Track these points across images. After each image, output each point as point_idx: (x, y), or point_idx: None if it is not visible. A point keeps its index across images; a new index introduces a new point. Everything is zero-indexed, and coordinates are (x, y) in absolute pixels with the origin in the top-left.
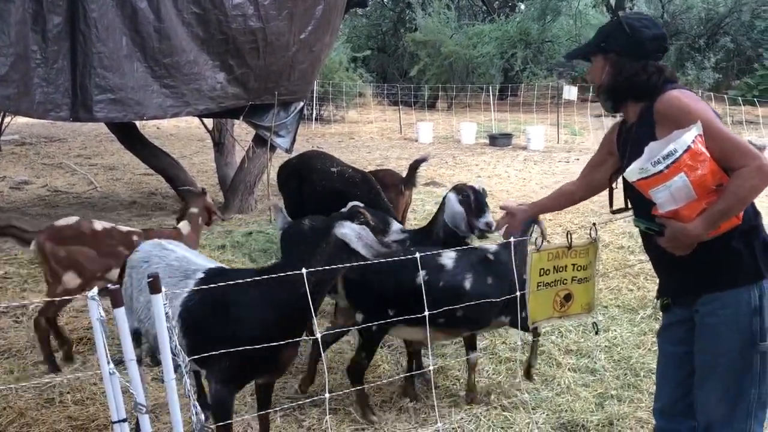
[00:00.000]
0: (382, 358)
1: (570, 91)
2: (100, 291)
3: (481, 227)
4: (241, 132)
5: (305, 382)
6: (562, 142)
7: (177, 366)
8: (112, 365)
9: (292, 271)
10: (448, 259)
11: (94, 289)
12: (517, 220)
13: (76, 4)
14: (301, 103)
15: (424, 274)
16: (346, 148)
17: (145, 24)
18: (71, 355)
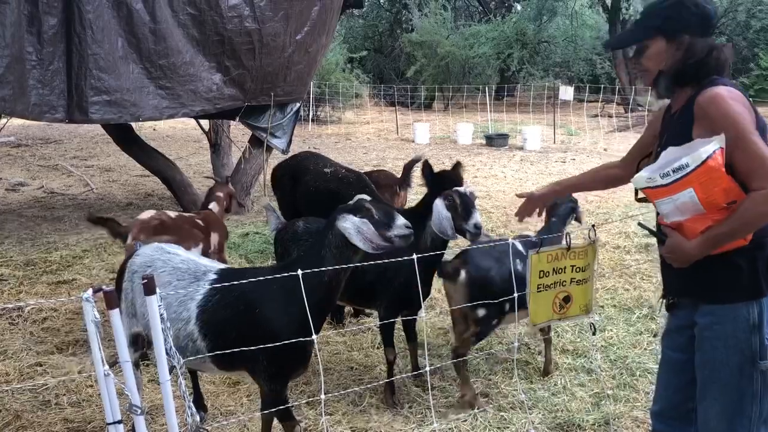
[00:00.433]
0: (380, 359)
1: (566, 92)
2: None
3: (470, 230)
4: (238, 133)
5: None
6: (558, 142)
7: (172, 367)
8: (107, 367)
9: (309, 269)
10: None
11: (88, 291)
12: (534, 201)
13: (72, 5)
14: (298, 104)
15: (518, 262)
16: (342, 149)
17: (140, 25)
18: None
